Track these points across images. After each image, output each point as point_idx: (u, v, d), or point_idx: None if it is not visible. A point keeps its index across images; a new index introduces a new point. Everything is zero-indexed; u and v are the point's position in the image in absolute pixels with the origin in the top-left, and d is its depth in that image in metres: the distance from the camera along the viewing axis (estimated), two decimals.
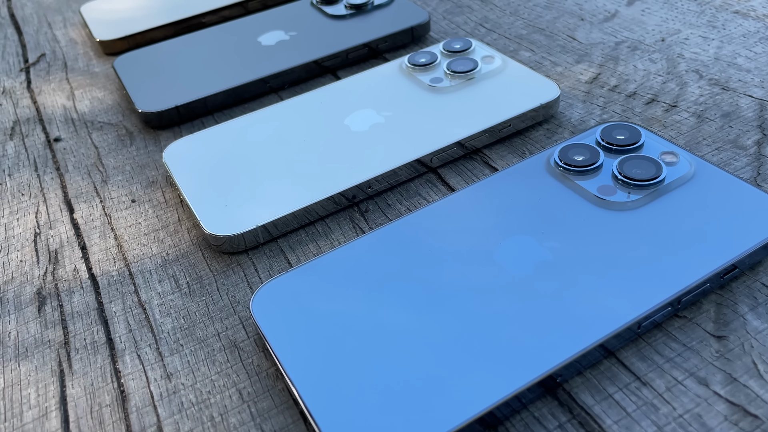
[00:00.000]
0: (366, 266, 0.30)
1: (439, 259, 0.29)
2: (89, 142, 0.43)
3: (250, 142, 0.39)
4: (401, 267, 0.29)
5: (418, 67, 0.43)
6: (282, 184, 0.35)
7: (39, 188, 0.40)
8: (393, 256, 0.30)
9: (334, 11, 0.52)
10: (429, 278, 0.28)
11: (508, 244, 0.29)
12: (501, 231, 0.30)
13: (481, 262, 0.29)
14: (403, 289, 0.28)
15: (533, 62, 0.46)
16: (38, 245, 0.36)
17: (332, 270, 0.30)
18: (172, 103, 0.43)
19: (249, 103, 0.46)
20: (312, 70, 0.47)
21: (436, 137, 0.37)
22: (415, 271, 0.29)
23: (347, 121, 0.39)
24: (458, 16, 0.53)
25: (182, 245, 0.34)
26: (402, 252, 0.30)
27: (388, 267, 0.29)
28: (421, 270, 0.29)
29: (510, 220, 0.31)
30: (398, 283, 0.28)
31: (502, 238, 0.30)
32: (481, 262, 0.29)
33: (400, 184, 0.37)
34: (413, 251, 0.30)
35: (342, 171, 0.36)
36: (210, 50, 0.49)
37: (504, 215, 0.31)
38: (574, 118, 0.40)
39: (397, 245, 0.30)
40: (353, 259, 0.30)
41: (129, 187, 0.39)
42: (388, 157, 0.36)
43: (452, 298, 0.27)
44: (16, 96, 0.50)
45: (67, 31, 0.59)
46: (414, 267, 0.29)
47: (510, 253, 0.29)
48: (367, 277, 0.29)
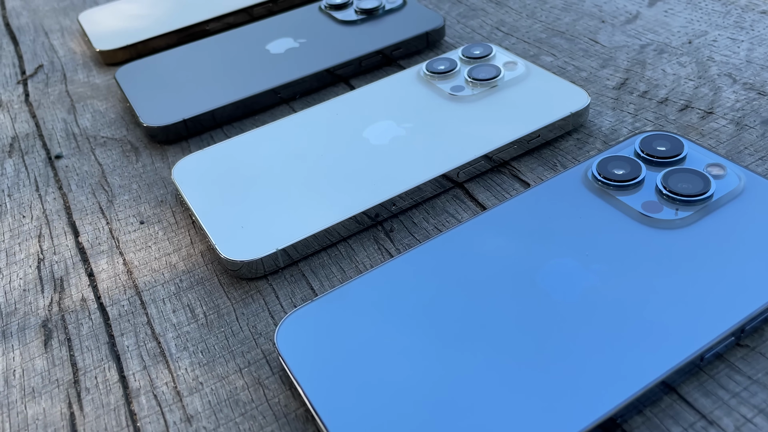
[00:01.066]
0: (397, 293, 0.27)
1: (475, 285, 0.27)
2: (92, 159, 0.41)
3: (264, 157, 0.37)
4: (435, 294, 0.27)
5: (438, 75, 0.41)
6: (301, 203, 0.33)
7: (41, 209, 0.38)
8: (425, 282, 0.28)
9: (344, 17, 0.50)
10: (466, 306, 0.26)
11: (550, 267, 0.27)
12: (541, 253, 0.28)
13: (521, 288, 0.27)
14: (438, 318, 0.26)
15: (556, 67, 0.44)
16: (42, 272, 0.33)
17: (361, 298, 0.28)
18: (178, 117, 0.41)
19: (259, 114, 0.44)
20: (324, 79, 0.45)
21: (461, 150, 0.35)
22: (450, 298, 0.27)
23: (366, 134, 0.37)
24: (473, 19, 0.51)
25: (196, 270, 0.32)
26: (435, 277, 0.28)
27: (420, 294, 0.27)
28: (456, 297, 0.27)
29: (550, 241, 0.29)
30: (433, 312, 0.26)
31: (543, 261, 0.28)
32: (521, 288, 0.27)
33: (426, 200, 0.34)
34: (447, 276, 0.28)
35: (364, 188, 0.34)
36: (216, 59, 0.47)
37: (543, 235, 0.29)
38: (604, 127, 0.38)
39: (429, 270, 0.28)
40: (383, 286, 0.28)
41: (137, 207, 0.37)
42: (411, 173, 0.34)
43: (493, 329, 0.25)
44: (13, 110, 0.48)
45: (65, 40, 0.57)
46: (449, 294, 0.27)
47: (553, 278, 0.27)
48: (399, 306, 0.27)
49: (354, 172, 0.35)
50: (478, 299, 0.27)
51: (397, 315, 0.27)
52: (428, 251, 0.29)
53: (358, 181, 0.34)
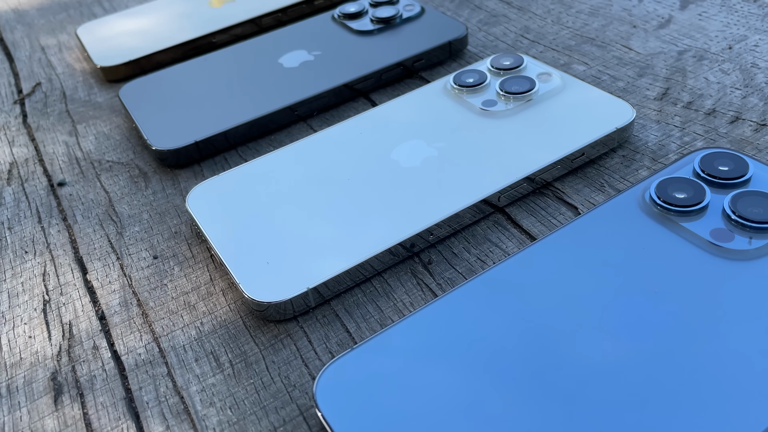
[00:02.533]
0: (446, 339, 0.25)
1: (533, 328, 0.24)
2: (98, 186, 0.38)
3: (285, 182, 0.34)
4: (488, 339, 0.24)
5: (467, 89, 0.38)
6: (330, 235, 0.30)
7: (45, 244, 0.35)
8: (476, 325, 0.25)
9: (360, 26, 0.47)
10: (524, 353, 0.24)
11: (616, 306, 0.25)
12: (605, 291, 0.25)
13: (587, 332, 0.24)
14: (494, 367, 0.23)
15: (590, 77, 0.41)
16: (48, 316, 0.31)
17: (406, 345, 0.25)
18: (190, 139, 0.38)
19: (275, 133, 0.41)
20: (343, 94, 0.42)
21: (501, 172, 0.32)
22: (506, 343, 0.24)
23: (395, 155, 0.35)
24: (495, 26, 0.49)
25: (218, 312, 0.30)
26: (487, 320, 0.25)
27: (472, 339, 0.25)
28: (513, 342, 0.24)
29: (613, 276, 0.26)
30: (488, 360, 0.24)
31: (608, 300, 0.25)
32: (587, 332, 0.24)
33: (465, 227, 0.32)
34: (500, 319, 0.25)
35: (397, 216, 0.31)
36: (226, 75, 0.44)
37: (605, 270, 0.26)
38: (650, 142, 0.35)
39: (480, 311, 0.26)
40: (430, 330, 0.25)
41: (149, 240, 0.34)
42: (448, 198, 0.31)
43: (557, 380, 0.23)
44: (11, 133, 0.45)
45: (64, 56, 0.54)
46: (504, 339, 0.24)
47: (622, 319, 0.24)
48: (449, 353, 0.24)
49: (385, 198, 0.32)
50: (538, 345, 0.24)
51: (447, 363, 0.24)
52: (477, 289, 0.26)
53: (391, 209, 0.31)
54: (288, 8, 0.53)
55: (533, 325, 0.25)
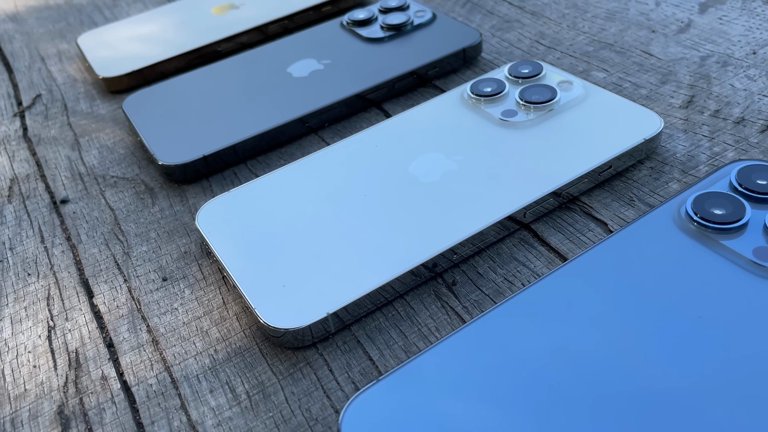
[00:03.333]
0: (478, 368, 0.23)
1: (572, 356, 0.23)
2: (103, 203, 0.37)
3: (299, 199, 0.33)
4: (525, 368, 0.23)
5: (485, 98, 0.37)
6: (348, 255, 0.29)
7: (48, 265, 0.33)
8: (511, 353, 0.24)
9: (370, 33, 0.46)
10: (564, 384, 0.22)
11: (659, 333, 0.23)
12: (645, 314, 0.24)
13: (629, 360, 0.23)
14: (530, 399, 0.22)
15: (610, 84, 0.40)
16: (54, 344, 0.29)
17: (435, 375, 0.23)
18: (198, 153, 0.37)
19: (286, 146, 0.40)
20: (355, 104, 0.41)
21: (526, 186, 0.31)
22: (543, 374, 0.23)
23: (413, 170, 0.33)
24: (508, 32, 0.47)
25: (233, 338, 0.28)
26: (521, 347, 0.24)
27: (507, 369, 0.23)
28: (551, 373, 0.23)
29: (653, 299, 0.24)
30: (523, 391, 0.22)
31: (650, 326, 0.24)
32: (629, 360, 0.23)
33: (490, 245, 0.30)
34: (536, 346, 0.24)
35: (419, 235, 0.29)
36: (234, 85, 0.43)
37: (643, 292, 0.25)
38: (679, 153, 0.34)
39: (513, 337, 0.24)
40: (460, 359, 0.24)
41: (157, 261, 0.33)
42: (472, 215, 0.30)
43: (601, 412, 0.21)
44: (11, 147, 0.43)
45: (64, 66, 0.52)
46: (542, 369, 0.23)
47: (667, 347, 0.23)
48: (481, 384, 0.23)
49: (405, 215, 0.31)
50: (576, 375, 0.22)
51: (481, 395, 0.22)
52: (508, 314, 0.25)
53: (412, 227, 0.30)
54: (294, 15, 0.51)
55: (571, 354, 0.23)
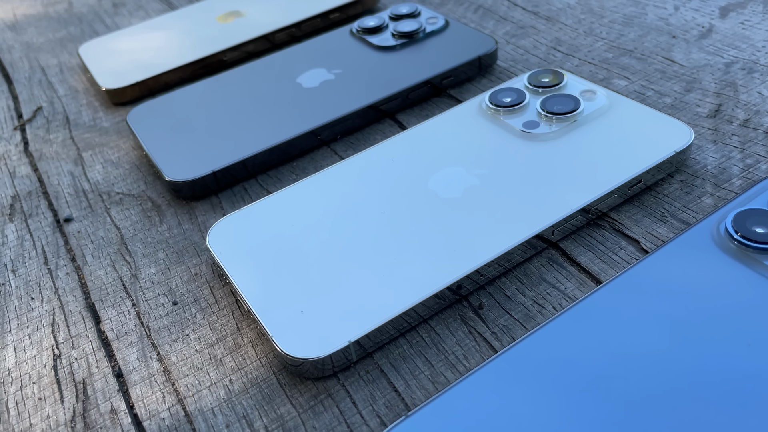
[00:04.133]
0: (513, 403, 0.22)
1: (616, 389, 0.22)
2: (108, 222, 0.35)
3: (315, 217, 0.31)
4: (565, 402, 0.22)
5: (505, 109, 0.35)
6: (369, 278, 0.28)
7: (52, 288, 0.32)
8: (548, 385, 0.22)
9: (381, 41, 0.44)
10: (609, 419, 0.21)
11: (707, 362, 0.22)
12: (691, 341, 0.23)
13: (678, 392, 0.21)
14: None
15: (633, 93, 0.38)
16: (60, 373, 0.28)
17: (468, 410, 0.22)
18: (207, 169, 0.36)
19: (297, 160, 0.38)
20: (368, 115, 0.39)
21: (553, 203, 0.30)
22: (587, 409, 0.21)
23: (433, 185, 0.32)
24: (523, 39, 0.46)
25: (248, 367, 0.27)
26: (560, 378, 0.22)
27: (544, 403, 0.22)
28: (595, 407, 0.21)
29: (697, 324, 0.23)
30: (566, 428, 0.21)
31: (696, 354, 0.22)
32: (678, 392, 0.21)
33: (517, 266, 0.29)
34: (576, 377, 0.22)
35: (442, 256, 0.28)
36: (242, 96, 0.41)
37: (686, 316, 0.23)
38: (710, 165, 0.32)
39: (550, 368, 0.23)
40: (493, 392, 0.22)
41: (167, 283, 0.31)
42: (498, 234, 0.29)
43: None
44: (12, 162, 0.42)
45: (65, 76, 0.51)
46: (585, 403, 0.21)
47: (716, 378, 0.21)
48: (519, 419, 0.21)
49: (427, 234, 0.29)
50: (620, 408, 0.21)
51: (525, 428, 0.21)
52: (543, 342, 0.24)
53: (434, 247, 0.28)
54: (302, 23, 0.50)
55: (613, 385, 0.22)
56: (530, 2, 0.50)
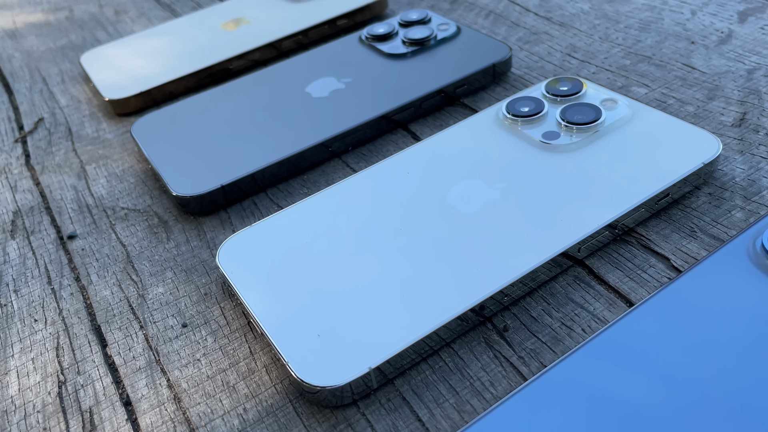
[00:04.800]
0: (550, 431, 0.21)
1: (657, 422, 0.20)
2: (113, 238, 0.34)
3: (329, 234, 0.30)
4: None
5: (522, 119, 0.34)
6: (388, 300, 0.26)
7: (56, 309, 0.31)
8: (584, 416, 0.21)
9: (391, 49, 0.43)
10: None
11: (751, 389, 0.21)
12: (732, 367, 0.21)
13: (724, 424, 0.20)
14: None
15: (654, 101, 0.37)
16: (65, 402, 0.26)
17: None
18: (215, 183, 0.34)
19: (308, 172, 0.37)
20: (380, 126, 0.38)
21: (578, 218, 0.28)
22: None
23: (451, 199, 0.31)
24: (537, 45, 0.45)
25: (263, 394, 0.25)
26: (596, 408, 0.21)
27: None
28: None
29: (738, 349, 0.22)
30: None
31: (739, 381, 0.21)
32: (724, 424, 0.20)
33: (541, 285, 0.28)
34: (613, 408, 0.21)
35: (465, 276, 0.27)
36: (249, 106, 0.40)
37: (726, 340, 0.22)
38: (738, 177, 0.31)
39: (584, 398, 0.21)
40: (526, 424, 0.21)
41: (175, 304, 0.30)
42: (522, 252, 0.27)
43: None
44: (13, 176, 0.41)
45: (67, 86, 0.50)
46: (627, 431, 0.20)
47: (762, 405, 0.20)
48: None
49: (446, 252, 0.28)
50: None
51: None
52: (576, 369, 0.22)
53: (455, 266, 0.27)
54: (309, 30, 0.49)
55: (652, 415, 0.20)
56: (542, 7, 0.49)
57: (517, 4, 0.50)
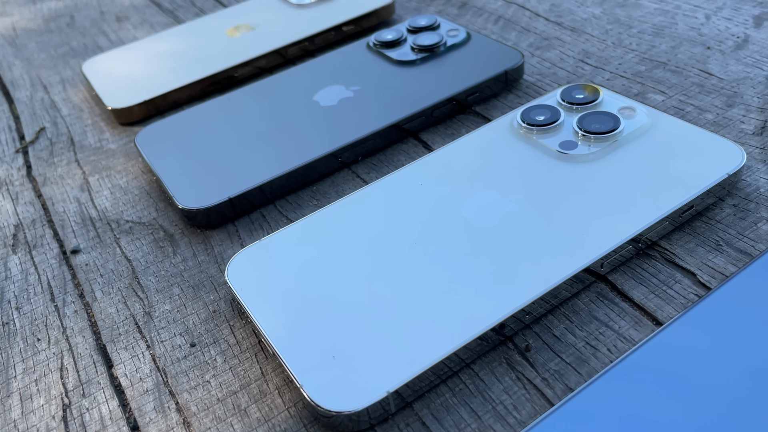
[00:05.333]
0: None
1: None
2: (118, 253, 0.33)
3: (342, 249, 0.29)
4: None
5: (537, 128, 0.33)
6: (405, 319, 0.25)
7: (60, 328, 0.30)
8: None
9: (400, 56, 0.42)
10: None
11: None
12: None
13: None
14: None
15: (671, 108, 0.36)
16: (70, 425, 0.25)
17: None
18: (222, 195, 0.33)
19: (317, 183, 0.36)
20: (390, 135, 0.37)
21: (600, 233, 0.27)
22: None
23: (466, 212, 0.30)
24: (548, 51, 0.44)
25: (276, 418, 0.24)
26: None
27: None
28: None
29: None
30: None
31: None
32: None
33: (563, 302, 0.27)
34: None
35: (482, 292, 0.26)
36: (256, 116, 0.39)
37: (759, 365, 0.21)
38: (762, 188, 0.30)
39: (617, 422, 0.20)
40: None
41: (183, 322, 0.29)
42: (543, 268, 0.26)
43: None
44: (14, 188, 0.40)
45: (68, 94, 0.49)
46: None
47: None
48: None
49: (464, 268, 0.27)
50: None
51: None
52: (603, 395, 0.21)
53: (474, 283, 0.26)
54: (315, 36, 0.48)
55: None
56: (553, 12, 0.48)
57: (527, 9, 0.49)
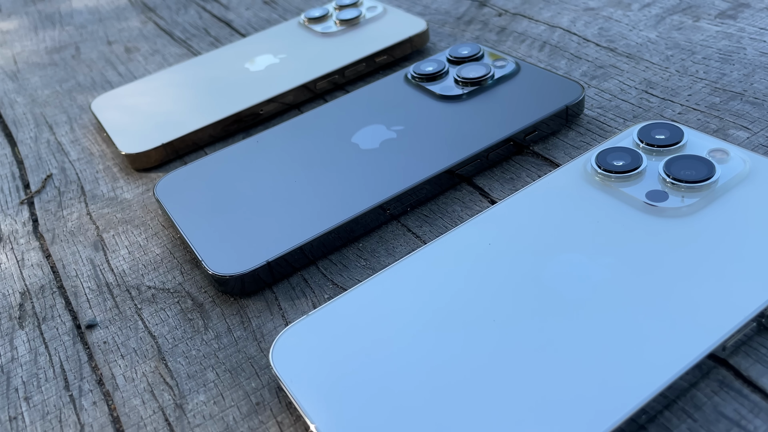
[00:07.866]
0: None
1: None
2: (141, 327, 0.29)
3: (406, 326, 0.25)
4: None
5: (616, 175, 0.29)
6: (486, 417, 0.21)
7: (77, 425, 0.25)
8: None
9: (444, 90, 0.38)
10: None
11: None
12: None
13: None
14: None
15: (761, 147, 0.32)
16: None
17: None
18: (260, 258, 0.29)
19: (363, 239, 0.32)
20: (442, 182, 0.33)
21: (719, 307, 0.23)
22: None
23: (549, 279, 0.25)
24: (605, 80, 0.40)
25: None
26: None
27: None
28: None
29: None
30: None
31: None
32: None
33: (680, 394, 0.22)
34: None
35: (588, 388, 0.22)
36: (289, 162, 0.35)
37: None
38: None
39: None
40: None
41: (222, 418, 0.25)
42: (657, 356, 0.22)
43: None
44: (19, 247, 0.35)
45: (76, 135, 0.45)
46: None
47: None
48: None
49: (557, 353, 0.23)
50: None
51: None
52: None
53: (572, 373, 0.22)
54: (345, 68, 0.44)
55: None
56: (603, 37, 0.44)
57: (574, 34, 0.45)
